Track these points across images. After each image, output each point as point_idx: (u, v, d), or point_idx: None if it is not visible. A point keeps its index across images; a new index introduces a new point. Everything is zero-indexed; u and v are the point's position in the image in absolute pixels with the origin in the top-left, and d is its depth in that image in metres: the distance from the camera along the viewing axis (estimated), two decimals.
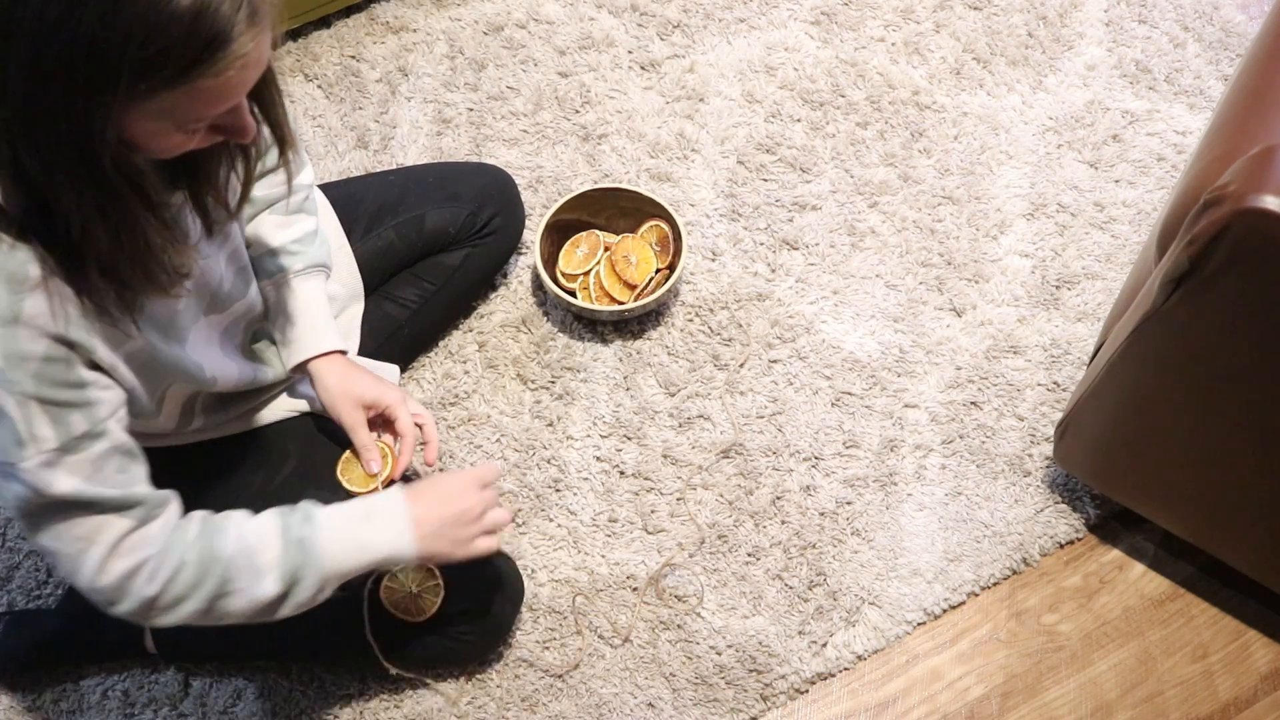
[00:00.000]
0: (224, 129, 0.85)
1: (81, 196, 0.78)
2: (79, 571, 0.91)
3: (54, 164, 0.76)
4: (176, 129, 0.80)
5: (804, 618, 1.39)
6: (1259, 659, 1.38)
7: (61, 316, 0.84)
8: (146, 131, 0.79)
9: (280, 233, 1.19)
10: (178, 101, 0.76)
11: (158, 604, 0.94)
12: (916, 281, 1.64)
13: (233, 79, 0.77)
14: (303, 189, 1.21)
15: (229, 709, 1.33)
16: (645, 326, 1.59)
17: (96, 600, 0.93)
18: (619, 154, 1.74)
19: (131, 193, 0.81)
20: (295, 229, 1.20)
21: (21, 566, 1.41)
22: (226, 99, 0.79)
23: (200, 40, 0.73)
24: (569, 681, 1.35)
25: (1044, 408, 1.53)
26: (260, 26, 0.77)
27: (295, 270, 1.19)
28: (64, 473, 0.86)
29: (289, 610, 1.01)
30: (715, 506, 1.46)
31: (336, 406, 1.18)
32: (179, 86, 0.75)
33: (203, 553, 0.95)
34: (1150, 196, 1.71)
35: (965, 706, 1.35)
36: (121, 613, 0.94)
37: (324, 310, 1.21)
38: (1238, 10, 1.93)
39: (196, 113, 0.79)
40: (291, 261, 1.19)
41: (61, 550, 0.90)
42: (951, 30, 1.89)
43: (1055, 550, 1.45)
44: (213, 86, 0.76)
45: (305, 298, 1.20)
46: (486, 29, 1.87)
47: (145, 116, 0.77)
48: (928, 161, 1.75)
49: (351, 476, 1.21)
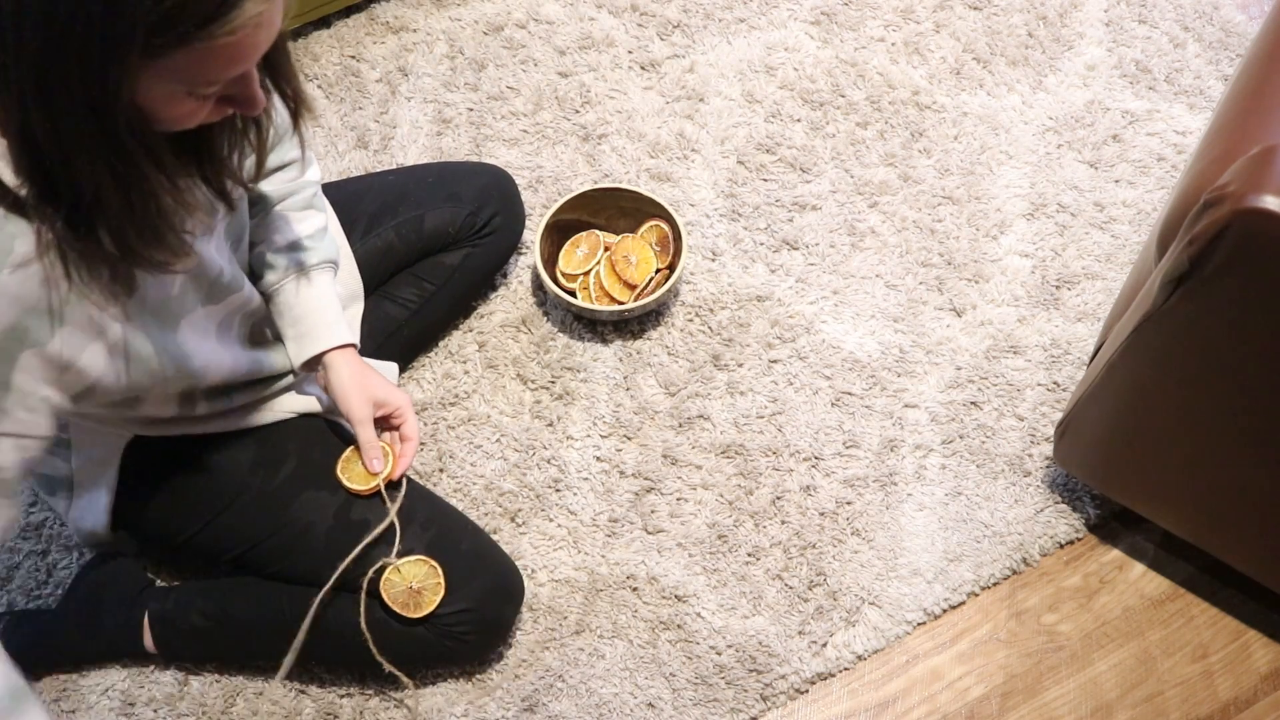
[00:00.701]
0: (234, 100, 0.85)
1: (95, 159, 0.78)
2: None
3: (68, 127, 0.76)
4: (188, 94, 0.80)
5: (804, 618, 1.39)
6: (1259, 659, 1.38)
7: (32, 304, 0.83)
8: (159, 96, 0.79)
9: (295, 227, 1.20)
10: (190, 61, 0.76)
11: None
12: (916, 281, 1.64)
13: (246, 38, 0.77)
14: (312, 184, 1.22)
15: (229, 709, 1.33)
16: (645, 326, 1.59)
17: None
18: (619, 154, 1.74)
19: (145, 155, 0.81)
20: (309, 224, 1.21)
21: (21, 566, 1.41)
22: (240, 61, 0.80)
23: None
24: (569, 681, 1.35)
25: (1044, 408, 1.53)
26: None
27: (309, 265, 1.20)
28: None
29: None
30: (715, 506, 1.46)
31: (348, 399, 1.19)
32: (194, 43, 0.75)
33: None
34: (1150, 196, 1.71)
35: (965, 706, 1.35)
36: None
37: (335, 304, 1.22)
38: (1238, 10, 1.93)
39: (209, 74, 0.79)
40: (306, 256, 1.20)
41: None
42: (951, 30, 1.89)
43: (1055, 550, 1.45)
44: (226, 45, 0.76)
45: (318, 292, 1.21)
46: (486, 29, 1.87)
47: (159, 78, 0.77)
48: (928, 161, 1.75)
49: (352, 474, 1.22)
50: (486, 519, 1.44)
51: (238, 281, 1.11)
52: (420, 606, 1.20)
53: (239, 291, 1.11)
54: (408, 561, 1.20)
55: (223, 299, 1.09)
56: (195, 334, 1.06)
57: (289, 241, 1.19)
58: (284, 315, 1.21)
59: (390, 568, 1.19)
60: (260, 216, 1.19)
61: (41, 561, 1.41)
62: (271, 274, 1.19)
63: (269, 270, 1.19)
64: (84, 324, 0.89)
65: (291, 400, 1.25)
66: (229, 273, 1.08)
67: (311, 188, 1.22)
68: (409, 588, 1.20)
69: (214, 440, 1.20)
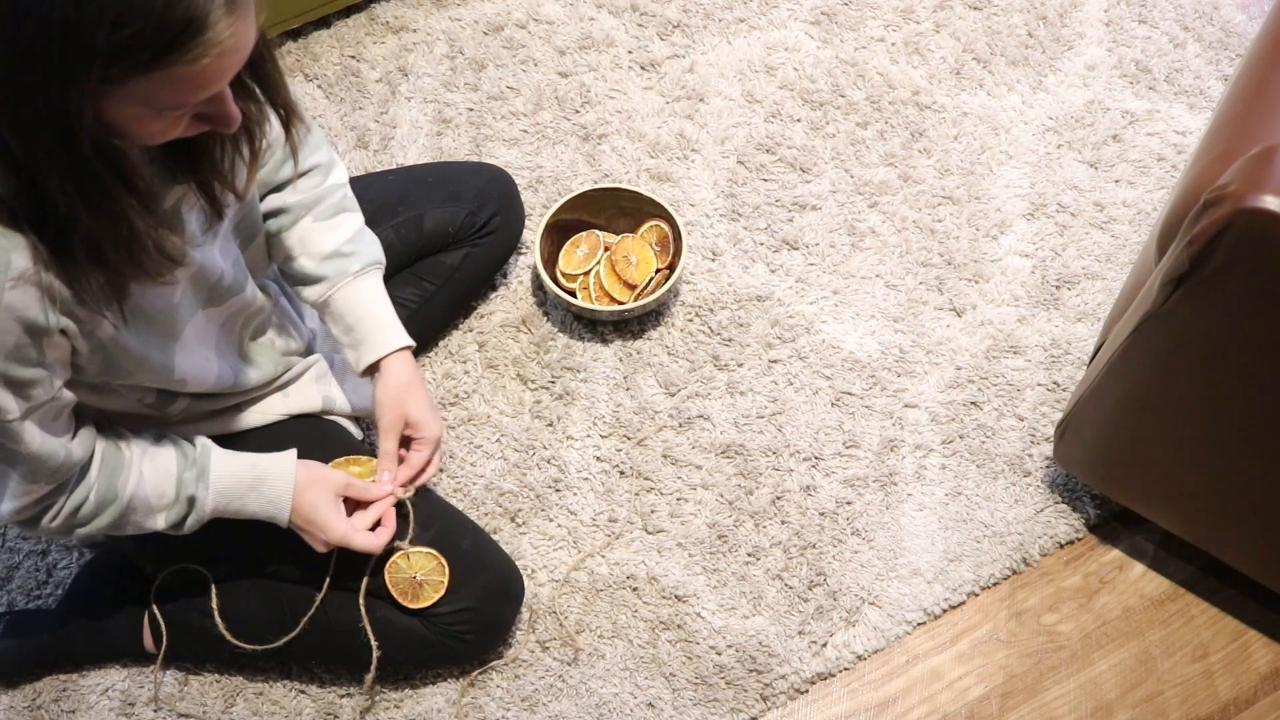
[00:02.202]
0: (208, 117, 0.85)
1: (64, 179, 0.78)
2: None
3: (36, 145, 0.76)
4: (156, 116, 0.80)
5: (804, 618, 1.39)
6: (1259, 659, 1.38)
7: (41, 306, 0.85)
8: (127, 117, 0.78)
9: (329, 236, 1.18)
10: (154, 87, 0.76)
11: (61, 530, 1.03)
12: (916, 281, 1.64)
13: (209, 67, 0.76)
14: (339, 188, 1.21)
15: (229, 709, 1.33)
16: (645, 326, 1.59)
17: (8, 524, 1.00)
18: (619, 154, 1.74)
19: (113, 177, 0.81)
20: (344, 230, 1.19)
21: (21, 566, 1.41)
22: (205, 87, 0.79)
23: (175, 26, 0.72)
24: (569, 681, 1.35)
25: (1044, 408, 1.53)
26: (240, 14, 0.76)
27: (354, 271, 1.19)
28: (24, 434, 0.91)
29: (185, 530, 1.10)
30: (715, 506, 1.46)
31: (382, 409, 1.19)
32: (154, 72, 0.74)
33: (103, 492, 1.03)
34: (1150, 196, 1.71)
35: (965, 706, 1.35)
36: (34, 535, 1.01)
37: (388, 307, 1.21)
38: (1238, 10, 1.93)
39: (174, 99, 0.79)
40: (348, 264, 1.18)
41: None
42: (951, 30, 1.89)
43: (1055, 550, 1.45)
44: (189, 74, 0.76)
45: (366, 298, 1.20)
46: (486, 29, 1.87)
47: (124, 101, 0.77)
48: (928, 161, 1.75)
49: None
50: (486, 519, 1.44)
51: (239, 283, 1.10)
52: (419, 599, 1.20)
53: (240, 294, 1.11)
54: (418, 552, 1.20)
55: (224, 302, 1.09)
56: (195, 338, 1.06)
57: (328, 252, 1.18)
58: (337, 324, 1.20)
59: (400, 553, 1.20)
60: (291, 227, 1.18)
61: (41, 561, 1.41)
62: (318, 287, 1.19)
63: (315, 284, 1.19)
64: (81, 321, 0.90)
65: (284, 403, 1.24)
66: (230, 275, 1.08)
67: (339, 191, 1.20)
68: (413, 578, 1.20)
69: (214, 438, 1.20)
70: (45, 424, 0.94)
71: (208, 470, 1.09)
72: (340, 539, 1.13)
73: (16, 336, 0.85)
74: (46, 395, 0.92)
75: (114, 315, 0.92)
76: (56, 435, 0.96)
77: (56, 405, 0.94)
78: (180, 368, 1.05)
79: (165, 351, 1.02)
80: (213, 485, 1.09)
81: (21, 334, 0.85)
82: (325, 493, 1.13)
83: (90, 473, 1.02)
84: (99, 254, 0.85)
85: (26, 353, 0.87)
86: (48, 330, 0.87)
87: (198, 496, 1.08)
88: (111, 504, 1.03)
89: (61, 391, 0.95)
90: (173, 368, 1.04)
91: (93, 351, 0.95)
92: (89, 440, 1.01)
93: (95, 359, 0.97)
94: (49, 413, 0.94)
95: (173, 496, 1.07)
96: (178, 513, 1.08)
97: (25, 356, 0.87)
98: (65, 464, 0.97)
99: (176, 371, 1.05)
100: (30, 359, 0.88)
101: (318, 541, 1.14)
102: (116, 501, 1.03)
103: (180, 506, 1.08)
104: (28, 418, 0.91)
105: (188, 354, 1.06)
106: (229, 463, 1.11)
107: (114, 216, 0.83)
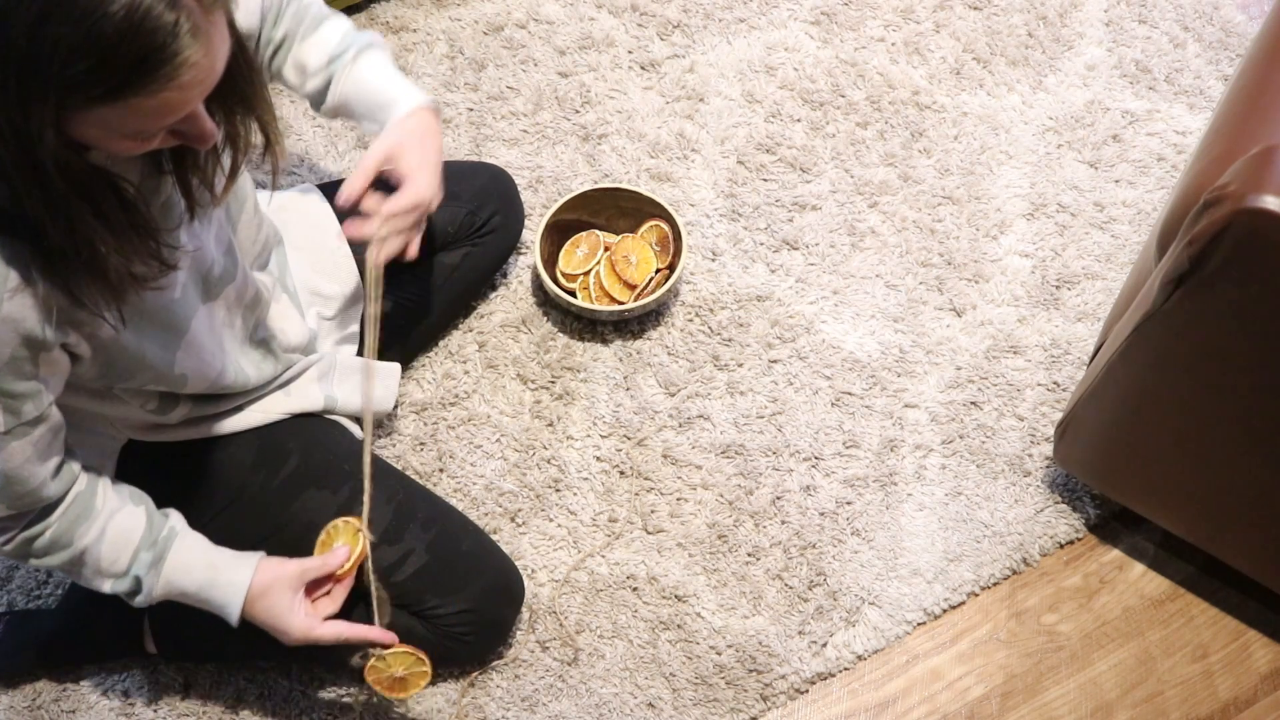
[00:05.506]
0: (182, 134, 0.84)
1: (32, 198, 0.78)
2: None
3: (6, 164, 0.76)
4: (124, 137, 0.79)
5: (804, 618, 1.39)
6: (1259, 659, 1.38)
7: (39, 317, 0.85)
8: (94, 137, 0.78)
9: (319, 49, 1.20)
10: (115, 115, 0.75)
11: (15, 556, 1.01)
12: (916, 281, 1.64)
13: (172, 98, 0.75)
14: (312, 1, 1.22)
15: (229, 709, 1.33)
16: (645, 326, 1.59)
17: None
18: (619, 154, 1.74)
19: (80, 200, 0.80)
20: (329, 35, 1.21)
21: (21, 567, 1.41)
22: (169, 115, 0.78)
23: (130, 61, 0.71)
24: (569, 681, 1.35)
25: (1044, 408, 1.53)
26: (203, 43, 0.74)
27: (349, 60, 1.20)
28: (3, 450, 0.90)
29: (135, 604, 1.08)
30: (715, 506, 1.46)
31: (378, 141, 1.18)
32: (114, 104, 0.73)
33: (59, 534, 1.00)
34: (1150, 196, 1.72)
35: (965, 706, 1.35)
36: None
37: (394, 76, 1.21)
38: (1238, 10, 1.93)
39: (139, 126, 0.78)
40: (344, 58, 1.20)
41: None
42: (951, 30, 1.89)
43: (1055, 550, 1.45)
44: (151, 105, 0.75)
45: (370, 73, 1.20)
46: (486, 29, 1.87)
47: (87, 124, 0.76)
48: (928, 161, 1.75)
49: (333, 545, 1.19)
50: (486, 519, 1.44)
51: (230, 272, 1.09)
52: (406, 690, 1.19)
53: (232, 283, 1.10)
54: (394, 653, 1.17)
55: (218, 293, 1.08)
56: (203, 332, 1.06)
57: (324, 61, 1.20)
58: (358, 116, 1.21)
59: (375, 656, 1.17)
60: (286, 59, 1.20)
61: None
62: (325, 95, 1.21)
63: (321, 96, 1.21)
64: (79, 325, 0.90)
65: (285, 402, 1.24)
66: (221, 264, 1.07)
67: (314, 4, 1.21)
68: (394, 675, 1.18)
69: (215, 439, 1.20)
70: (27, 448, 0.92)
71: (164, 558, 1.06)
72: (302, 639, 1.11)
73: (14, 349, 0.85)
74: (35, 412, 0.91)
75: (114, 317, 0.91)
76: (37, 463, 0.94)
77: (44, 427, 0.93)
78: (181, 364, 1.05)
79: (167, 349, 1.02)
80: (164, 574, 1.06)
81: (19, 346, 0.85)
82: (282, 595, 1.10)
83: (54, 512, 1.00)
84: (65, 269, 0.84)
85: (22, 366, 0.87)
86: (45, 343, 0.87)
87: (145, 581, 1.06)
88: (65, 549, 1.01)
89: (51, 410, 0.93)
90: (173, 364, 1.04)
91: (94, 354, 0.95)
92: (67, 480, 1.00)
93: (96, 361, 0.96)
94: (34, 437, 0.92)
95: (124, 568, 1.05)
96: (125, 586, 1.06)
97: (20, 370, 0.87)
98: (32, 495, 0.95)
99: (177, 367, 1.05)
100: (25, 373, 0.88)
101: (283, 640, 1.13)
102: (71, 549, 1.01)
103: (128, 581, 1.06)
104: (11, 435, 0.90)
105: (192, 350, 1.05)
106: (186, 556, 1.08)
107: (79, 237, 0.82)
